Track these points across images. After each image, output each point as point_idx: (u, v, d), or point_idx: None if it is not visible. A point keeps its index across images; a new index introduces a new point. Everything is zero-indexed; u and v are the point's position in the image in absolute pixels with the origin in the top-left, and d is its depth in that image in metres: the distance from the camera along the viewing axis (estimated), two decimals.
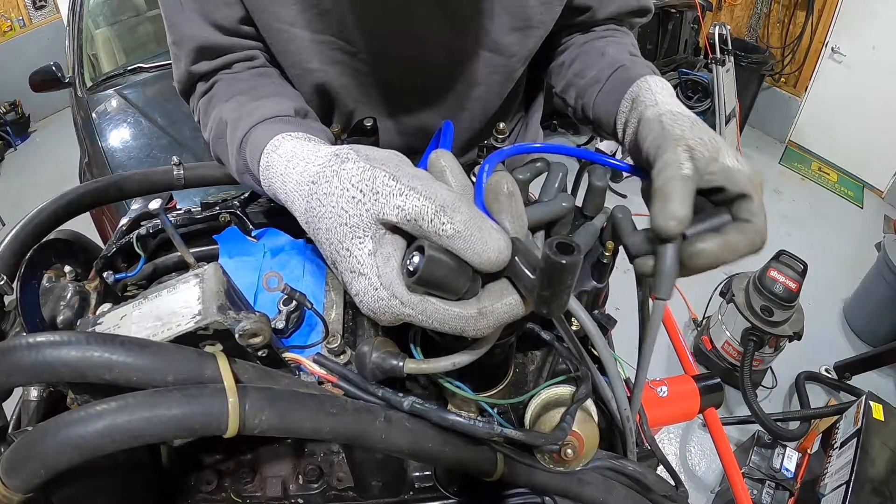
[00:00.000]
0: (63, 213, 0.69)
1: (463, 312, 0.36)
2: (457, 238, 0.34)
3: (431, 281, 0.35)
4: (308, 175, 0.44)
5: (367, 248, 0.37)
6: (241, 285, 0.54)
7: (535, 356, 0.68)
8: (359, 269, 0.37)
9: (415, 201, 0.35)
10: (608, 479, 0.54)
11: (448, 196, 0.35)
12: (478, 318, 0.36)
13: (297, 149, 0.49)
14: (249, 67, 0.71)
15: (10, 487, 0.35)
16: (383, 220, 0.36)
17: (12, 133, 4.56)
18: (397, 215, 0.35)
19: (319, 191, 0.41)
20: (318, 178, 0.41)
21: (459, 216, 0.34)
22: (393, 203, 0.35)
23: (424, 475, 0.61)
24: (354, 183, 0.38)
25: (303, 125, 0.60)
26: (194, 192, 0.90)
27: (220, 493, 0.59)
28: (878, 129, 3.76)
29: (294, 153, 0.49)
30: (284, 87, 0.72)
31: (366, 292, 0.37)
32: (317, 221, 0.41)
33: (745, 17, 4.33)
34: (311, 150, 0.48)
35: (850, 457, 1.73)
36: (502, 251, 0.35)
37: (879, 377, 2.61)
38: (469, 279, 0.36)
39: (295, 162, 0.48)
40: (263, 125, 0.58)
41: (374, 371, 0.48)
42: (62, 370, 0.35)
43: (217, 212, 0.76)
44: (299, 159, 0.47)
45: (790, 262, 2.25)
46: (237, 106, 0.63)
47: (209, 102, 0.69)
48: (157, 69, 2.70)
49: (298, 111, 0.64)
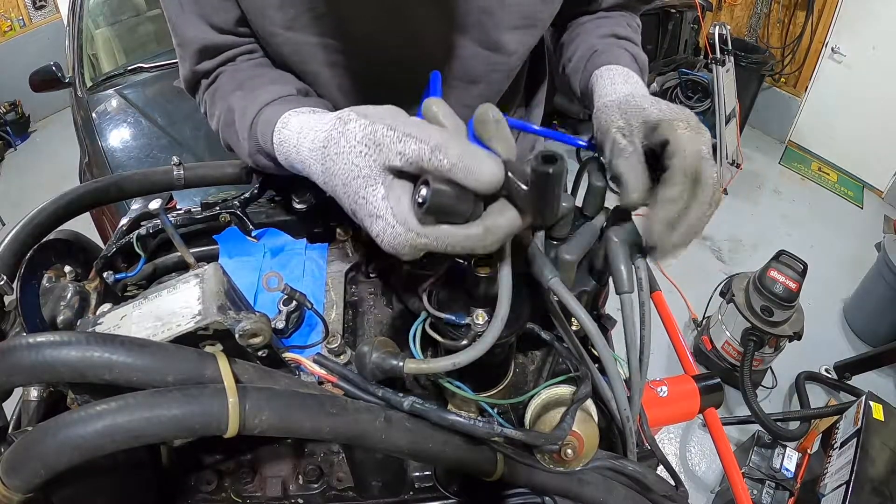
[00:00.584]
0: (63, 213, 0.69)
1: (470, 232, 0.40)
2: (454, 169, 0.37)
3: (439, 209, 0.39)
4: (319, 141, 0.48)
5: (380, 192, 0.41)
6: (241, 285, 0.54)
7: (535, 356, 0.68)
8: (375, 212, 0.41)
9: (412, 145, 0.39)
10: (608, 479, 0.54)
11: (441, 135, 0.39)
12: (484, 235, 0.40)
13: (305, 121, 0.54)
14: (250, 59, 0.73)
15: (10, 487, 0.35)
16: (389, 166, 0.41)
17: (12, 133, 4.56)
18: (400, 160, 0.39)
19: (331, 152, 0.45)
20: (328, 141, 0.46)
21: (453, 150, 0.38)
22: (395, 150, 0.40)
23: (424, 475, 0.61)
24: (359, 139, 0.42)
25: (305, 101, 0.64)
26: (194, 192, 0.90)
27: (220, 493, 0.59)
28: (878, 129, 3.76)
29: (303, 125, 0.54)
30: (285, 73, 0.74)
31: (384, 231, 0.41)
32: (333, 179, 0.45)
33: (745, 17, 4.33)
34: (317, 119, 0.52)
35: (850, 457, 1.73)
36: (496, 173, 0.38)
37: (879, 377, 2.61)
38: (472, 203, 0.40)
39: (305, 132, 0.52)
40: (270, 107, 0.62)
41: (374, 371, 0.48)
42: (62, 370, 0.35)
43: (217, 212, 0.76)
44: (308, 129, 0.52)
45: (790, 262, 2.24)
46: (243, 94, 0.67)
47: (214, 94, 0.72)
48: (157, 69, 2.70)
49: (300, 90, 0.68)
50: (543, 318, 0.56)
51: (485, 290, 0.49)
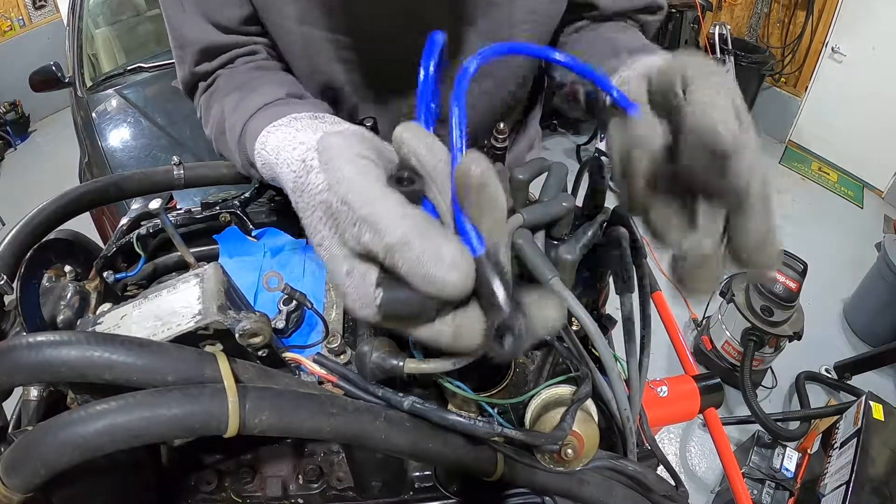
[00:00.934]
0: (63, 213, 0.69)
1: (438, 334, 0.34)
2: (411, 275, 0.31)
3: (394, 315, 0.34)
4: (289, 183, 0.44)
5: (344, 268, 0.35)
6: (241, 285, 0.54)
7: (535, 356, 0.67)
8: (341, 286, 0.35)
9: (366, 236, 0.32)
10: (608, 479, 0.54)
11: (400, 226, 0.31)
12: (454, 337, 0.34)
13: (281, 143, 0.50)
14: (248, 62, 0.72)
15: (10, 487, 0.35)
16: (348, 246, 0.34)
17: (12, 133, 4.56)
18: (356, 245, 0.33)
19: (299, 203, 0.40)
20: (295, 188, 0.41)
21: (411, 251, 0.31)
22: (349, 233, 0.33)
23: (424, 475, 0.61)
24: (318, 202, 0.37)
25: (292, 105, 0.60)
26: (194, 192, 0.90)
27: (220, 493, 0.59)
28: (878, 129, 3.76)
29: (279, 148, 0.50)
30: (281, 76, 0.72)
31: (351, 304, 0.35)
32: (307, 229, 0.39)
33: (745, 17, 4.33)
34: (290, 144, 0.49)
35: (850, 457, 1.73)
36: (460, 281, 0.31)
37: (879, 377, 2.61)
38: (434, 305, 0.33)
39: (281, 160, 0.49)
40: (255, 118, 0.59)
41: (375, 371, 0.48)
42: (62, 370, 0.35)
43: (217, 212, 0.76)
44: (283, 158, 0.48)
45: (790, 262, 2.25)
46: (233, 102, 0.64)
47: (210, 98, 0.71)
48: (157, 69, 2.70)
49: (291, 94, 0.63)
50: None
51: None
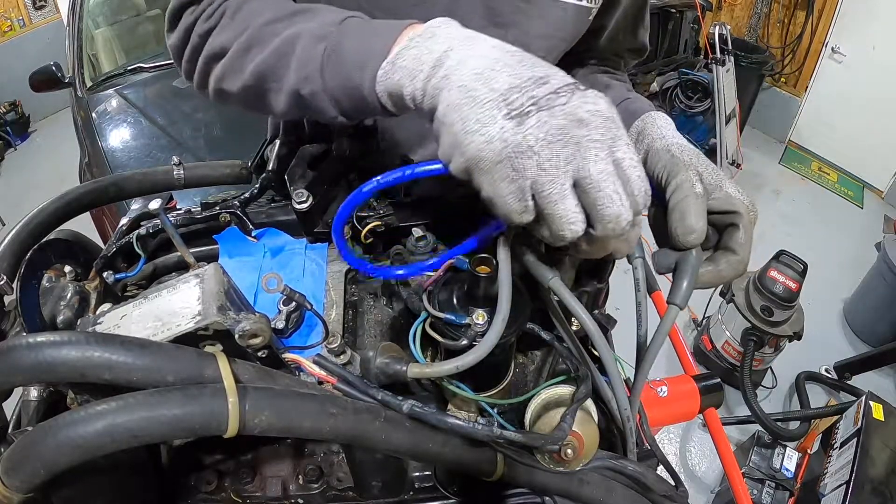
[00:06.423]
0: (63, 213, 0.69)
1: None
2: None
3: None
4: (503, 85, 0.40)
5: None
6: (241, 285, 0.54)
7: (535, 356, 0.68)
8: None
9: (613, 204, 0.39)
10: (608, 479, 0.54)
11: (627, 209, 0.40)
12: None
13: (477, 46, 0.44)
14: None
15: (10, 487, 0.35)
16: (577, 177, 0.39)
17: (12, 133, 4.56)
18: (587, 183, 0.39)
19: (542, 117, 0.38)
20: (540, 104, 0.39)
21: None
22: (589, 169, 0.39)
23: (424, 475, 0.61)
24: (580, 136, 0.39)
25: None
26: (194, 192, 0.90)
27: (220, 493, 0.59)
28: (878, 129, 3.76)
29: (472, 50, 0.43)
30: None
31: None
32: (530, 139, 0.39)
33: (745, 17, 4.33)
34: (489, 47, 0.43)
35: (850, 457, 1.73)
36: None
37: (879, 377, 2.61)
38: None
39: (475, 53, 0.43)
40: (358, 29, 0.51)
41: (378, 375, 0.48)
42: (62, 370, 0.35)
43: (217, 212, 0.76)
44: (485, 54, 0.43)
45: (790, 262, 2.24)
46: (307, 17, 0.55)
47: (240, 8, 0.59)
48: (157, 69, 2.70)
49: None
50: (543, 318, 0.56)
51: (484, 289, 0.49)
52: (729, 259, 0.53)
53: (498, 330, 0.45)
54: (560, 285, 0.48)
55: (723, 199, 0.53)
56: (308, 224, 0.74)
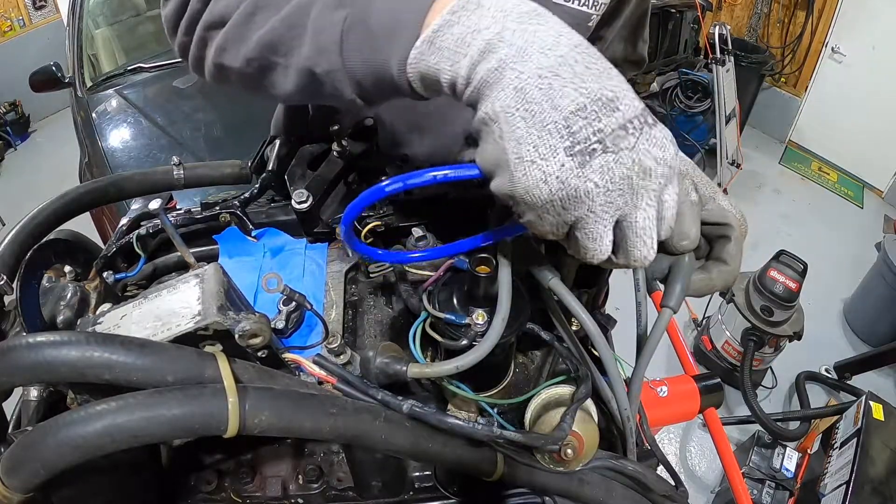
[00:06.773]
0: (63, 213, 0.69)
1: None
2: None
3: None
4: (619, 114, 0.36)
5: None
6: (241, 285, 0.54)
7: (535, 356, 0.68)
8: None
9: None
10: (608, 479, 0.54)
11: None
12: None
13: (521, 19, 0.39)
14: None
15: (10, 487, 0.35)
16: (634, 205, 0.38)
17: (12, 133, 4.56)
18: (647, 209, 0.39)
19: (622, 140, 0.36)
20: (631, 128, 0.36)
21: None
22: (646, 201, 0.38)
23: (424, 475, 0.61)
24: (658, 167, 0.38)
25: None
26: (194, 192, 0.90)
27: (220, 493, 0.59)
28: (878, 129, 3.76)
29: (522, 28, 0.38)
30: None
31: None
32: (602, 174, 0.36)
33: (745, 17, 4.32)
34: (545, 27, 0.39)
35: (850, 457, 1.73)
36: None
37: (879, 377, 2.61)
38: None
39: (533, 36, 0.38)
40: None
41: (379, 375, 0.48)
42: (62, 370, 0.35)
43: (217, 212, 0.76)
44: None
45: (790, 262, 2.24)
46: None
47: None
48: (157, 69, 2.70)
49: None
50: (543, 318, 0.56)
51: (484, 289, 0.49)
52: (720, 269, 0.53)
53: (498, 330, 0.45)
54: (560, 285, 0.48)
55: (716, 211, 0.53)
56: (308, 224, 0.74)
